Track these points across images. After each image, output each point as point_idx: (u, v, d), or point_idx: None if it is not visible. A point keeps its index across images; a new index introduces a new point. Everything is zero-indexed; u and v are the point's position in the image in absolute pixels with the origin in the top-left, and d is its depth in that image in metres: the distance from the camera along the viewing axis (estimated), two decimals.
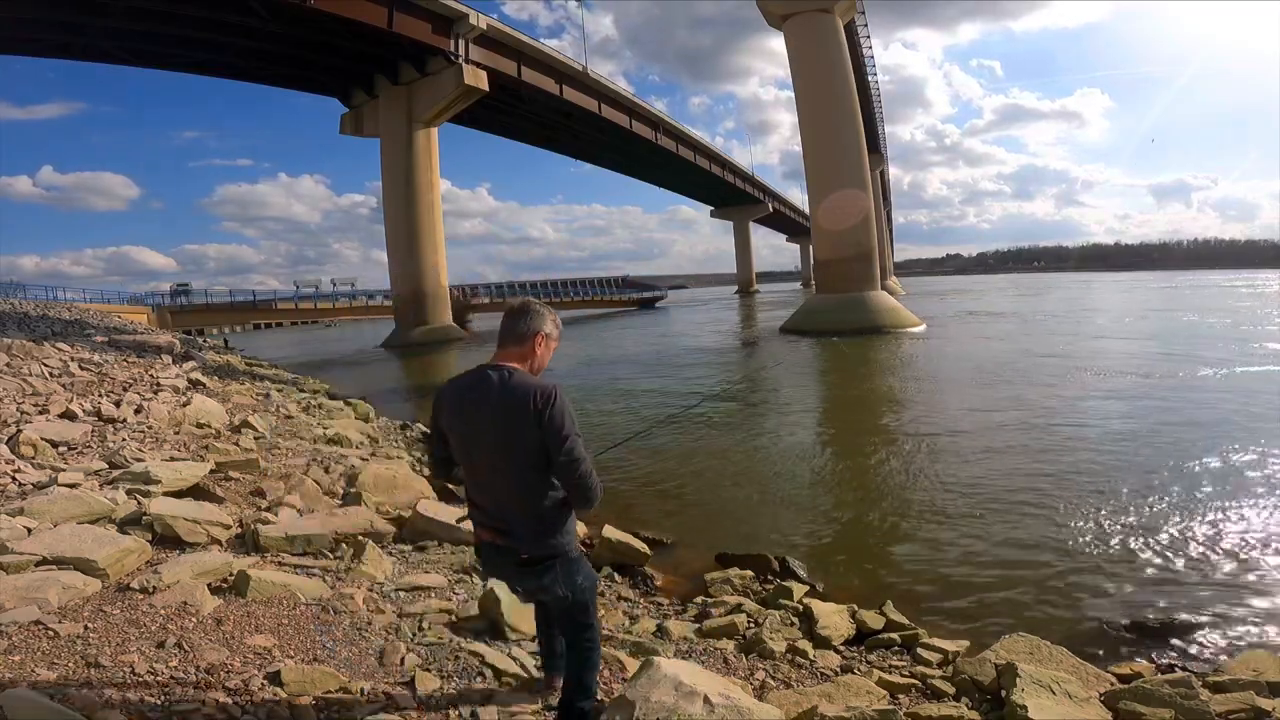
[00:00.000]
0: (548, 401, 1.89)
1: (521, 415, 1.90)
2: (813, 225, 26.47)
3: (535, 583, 2.04)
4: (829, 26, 24.94)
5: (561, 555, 2.01)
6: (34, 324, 15.13)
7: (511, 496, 1.98)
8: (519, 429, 1.91)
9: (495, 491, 2.01)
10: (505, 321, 2.06)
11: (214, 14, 24.47)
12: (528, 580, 2.06)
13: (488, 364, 2.01)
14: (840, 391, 12.97)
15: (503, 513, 2.00)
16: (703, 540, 4.96)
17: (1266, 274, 69.74)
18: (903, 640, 3.43)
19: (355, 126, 33.18)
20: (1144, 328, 20.87)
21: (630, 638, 3.27)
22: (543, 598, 2.16)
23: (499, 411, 1.92)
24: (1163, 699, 2.53)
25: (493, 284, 51.80)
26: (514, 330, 2.03)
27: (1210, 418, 8.24)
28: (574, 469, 1.92)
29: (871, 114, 50.54)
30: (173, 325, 29.67)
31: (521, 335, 2.03)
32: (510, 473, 1.96)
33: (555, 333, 2.10)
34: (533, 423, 1.89)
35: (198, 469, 4.97)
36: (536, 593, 2.14)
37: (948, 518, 5.33)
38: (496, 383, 1.95)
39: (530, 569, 2.01)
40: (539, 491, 1.96)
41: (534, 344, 2.03)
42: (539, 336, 2.04)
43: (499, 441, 1.93)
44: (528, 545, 1.98)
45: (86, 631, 2.51)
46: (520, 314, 2.05)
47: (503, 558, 2.04)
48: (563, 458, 1.90)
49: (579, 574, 2.07)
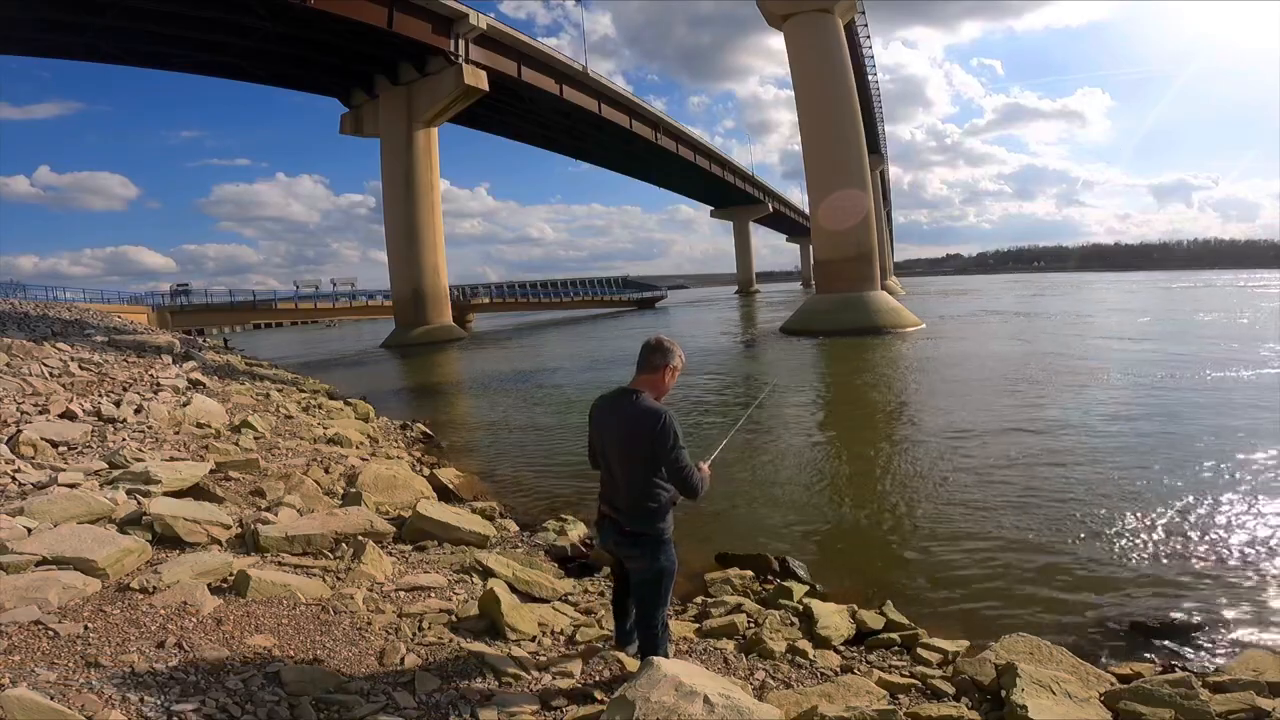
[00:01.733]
0: (659, 421, 2.49)
1: (639, 429, 2.52)
2: (813, 225, 26.47)
3: (630, 550, 2.66)
4: (829, 27, 24.95)
5: (656, 534, 2.61)
6: (34, 324, 15.12)
7: (624, 486, 2.60)
8: (636, 439, 2.53)
9: (615, 481, 2.64)
10: (642, 353, 2.65)
11: (214, 14, 24.49)
12: (625, 548, 2.68)
13: (626, 387, 2.64)
14: (840, 392, 12.96)
15: (616, 497, 2.63)
16: (703, 540, 4.96)
17: (1268, 274, 69.73)
18: (903, 640, 3.43)
19: (355, 126, 33.21)
20: (1158, 329, 20.85)
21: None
22: (632, 565, 2.71)
23: (625, 424, 2.56)
24: (1163, 699, 2.53)
25: (492, 284, 51.77)
26: (649, 361, 2.63)
27: (1212, 418, 8.23)
28: (678, 472, 2.53)
29: (871, 114, 50.55)
30: (173, 325, 29.63)
31: (655, 366, 2.63)
32: (626, 470, 2.58)
33: (680, 365, 2.67)
34: (646, 436, 2.50)
35: (198, 469, 4.98)
36: (630, 560, 2.70)
37: (948, 518, 5.32)
38: (627, 402, 2.58)
39: (628, 539, 2.63)
40: (643, 486, 2.56)
41: (663, 374, 2.64)
42: (668, 369, 2.64)
43: (621, 447, 2.59)
44: (629, 522, 2.60)
45: (86, 631, 2.51)
46: (655, 349, 2.63)
47: (613, 528, 2.67)
48: (670, 464, 2.52)
49: (663, 554, 2.64)
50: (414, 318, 30.23)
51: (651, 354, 2.63)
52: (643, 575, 2.66)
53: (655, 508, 2.58)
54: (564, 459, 7.67)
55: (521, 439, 9.43)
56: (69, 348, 11.25)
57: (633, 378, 2.66)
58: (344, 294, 42.56)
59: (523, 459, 8.22)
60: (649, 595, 2.69)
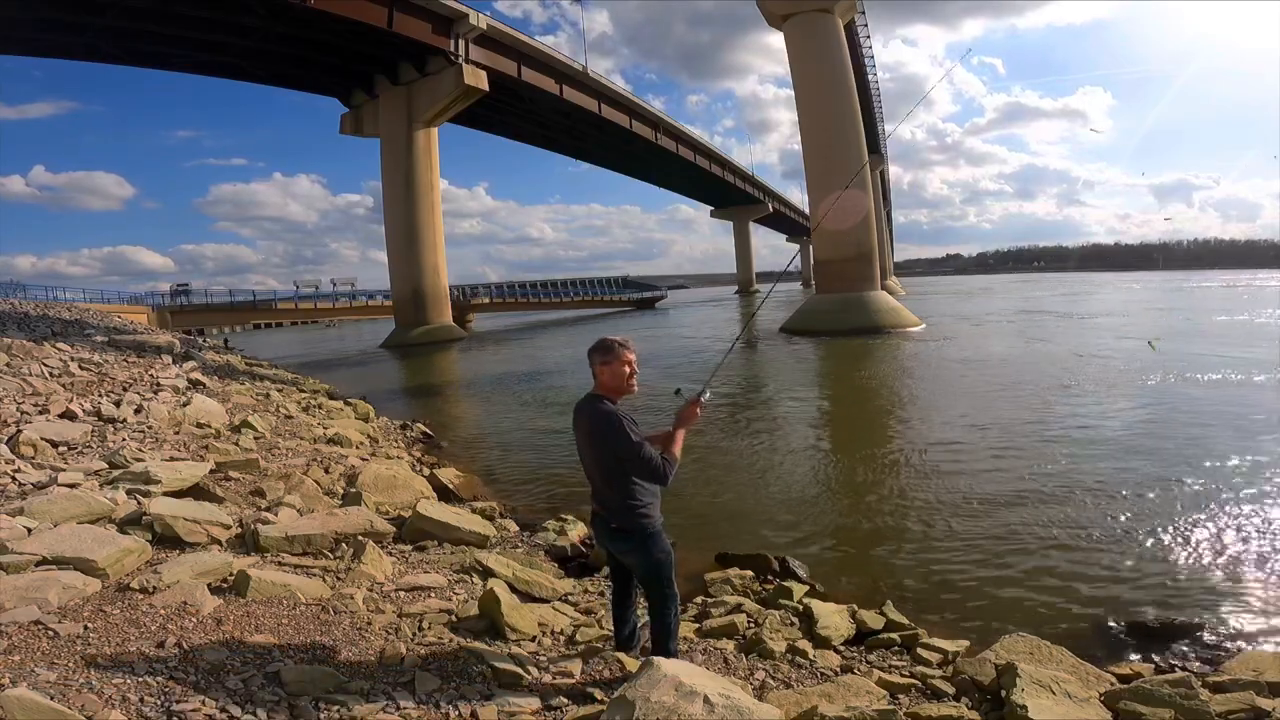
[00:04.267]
0: (610, 424, 2.57)
1: (596, 432, 2.63)
2: (813, 225, 26.46)
3: (622, 546, 2.73)
4: (829, 27, 24.95)
5: (641, 529, 2.66)
6: (34, 324, 15.11)
7: (602, 484, 2.71)
8: (598, 441, 2.64)
9: (595, 480, 2.75)
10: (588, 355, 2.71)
11: (214, 14, 24.49)
12: (618, 543, 2.74)
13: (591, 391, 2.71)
14: (840, 392, 12.96)
15: (600, 495, 2.74)
16: (703, 540, 4.95)
17: (1269, 273, 69.71)
18: (903, 640, 3.43)
19: (355, 126, 33.20)
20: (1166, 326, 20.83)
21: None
22: (627, 560, 2.78)
23: (587, 427, 2.67)
24: (1163, 699, 2.53)
25: (492, 284, 51.75)
26: (591, 362, 2.70)
27: (1214, 420, 8.23)
28: (644, 466, 2.56)
29: (871, 114, 50.49)
30: (173, 325, 29.61)
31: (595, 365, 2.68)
32: (601, 469, 2.69)
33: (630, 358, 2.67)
34: (605, 440, 2.60)
35: (198, 469, 4.98)
36: (625, 555, 2.77)
37: (948, 518, 5.32)
38: (589, 407, 2.67)
39: (618, 535, 2.70)
40: (620, 483, 2.63)
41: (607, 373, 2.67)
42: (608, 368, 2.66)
43: (590, 449, 2.70)
44: (615, 518, 2.68)
45: (86, 631, 2.51)
46: (594, 349, 2.69)
47: (602, 524, 2.76)
48: (633, 461, 2.57)
49: (654, 546, 2.68)
50: (414, 318, 30.23)
51: (591, 354, 2.71)
52: (643, 570, 2.74)
53: (636, 503, 2.65)
54: (564, 459, 7.66)
55: (521, 439, 9.43)
56: (69, 348, 11.24)
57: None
58: (344, 294, 42.56)
59: (523, 459, 8.22)
60: (655, 589, 2.75)
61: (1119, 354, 14.57)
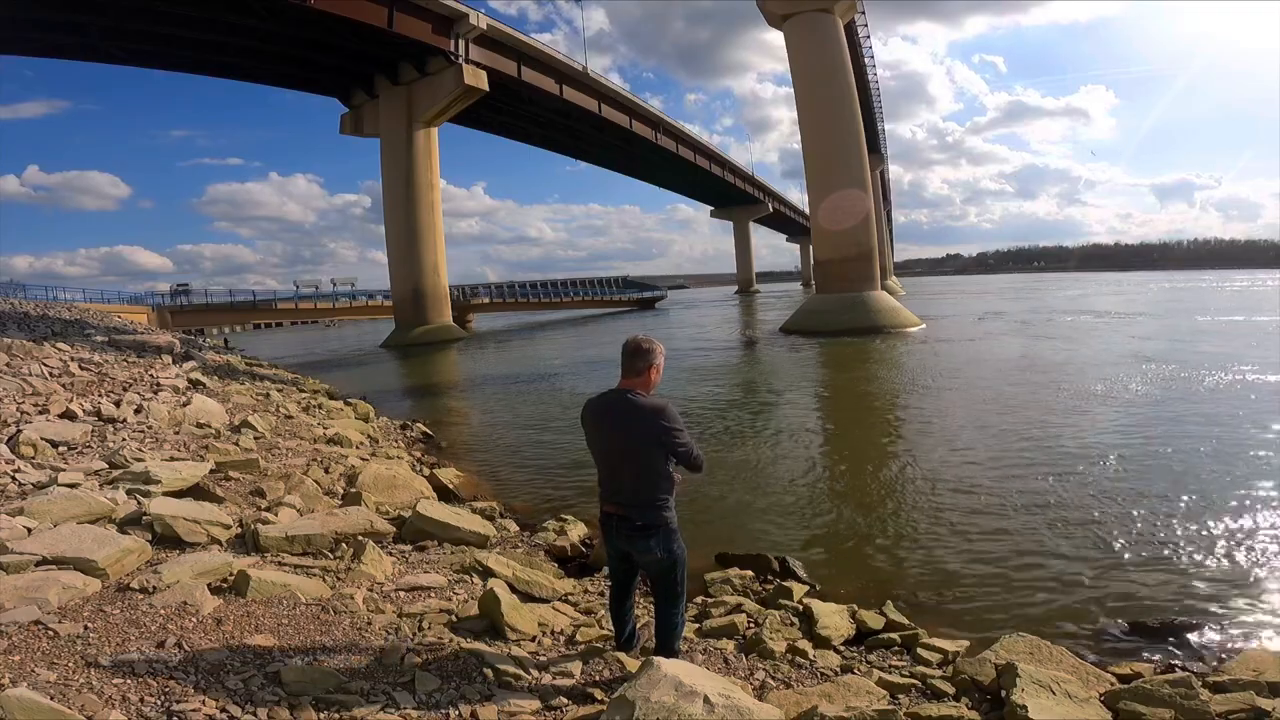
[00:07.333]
0: (665, 412, 2.64)
1: (645, 424, 2.63)
2: (813, 225, 26.46)
3: (643, 544, 2.71)
4: (829, 26, 24.95)
5: (665, 523, 2.70)
6: (34, 324, 15.10)
7: (630, 482, 2.70)
8: (642, 434, 2.64)
9: (619, 479, 2.73)
10: (625, 357, 2.73)
11: (214, 14, 24.50)
12: (638, 542, 2.72)
13: (617, 388, 2.73)
14: (840, 392, 12.96)
15: (621, 494, 2.72)
16: (702, 540, 4.94)
17: (1269, 274, 69.71)
18: (903, 640, 3.42)
19: (355, 126, 33.21)
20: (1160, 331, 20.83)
21: None
22: (645, 559, 2.77)
23: (627, 422, 2.66)
24: (1163, 699, 2.53)
25: (492, 284, 51.73)
26: (633, 366, 2.71)
27: (1215, 420, 8.23)
28: (687, 455, 2.68)
29: (872, 113, 50.58)
30: (173, 325, 29.62)
31: (639, 370, 2.70)
32: (634, 466, 2.68)
33: (662, 361, 2.76)
34: (654, 430, 2.62)
35: (198, 469, 4.98)
36: (644, 554, 2.75)
37: (948, 518, 5.32)
38: (624, 402, 2.67)
39: (640, 533, 2.69)
40: (651, 479, 2.67)
41: (649, 374, 2.72)
42: (652, 369, 2.72)
43: (625, 445, 2.69)
44: (640, 516, 2.69)
45: (86, 631, 2.51)
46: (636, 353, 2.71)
47: (619, 524, 2.73)
48: (681, 449, 2.66)
49: (675, 543, 2.74)
50: (414, 318, 30.25)
51: (634, 358, 2.71)
52: (660, 567, 2.75)
53: (664, 499, 2.70)
54: (564, 459, 7.65)
55: (522, 439, 9.42)
56: (69, 348, 11.24)
57: (620, 380, 2.75)
58: (344, 294, 42.57)
59: (523, 459, 8.21)
60: (668, 587, 2.79)
61: (1119, 354, 14.57)
